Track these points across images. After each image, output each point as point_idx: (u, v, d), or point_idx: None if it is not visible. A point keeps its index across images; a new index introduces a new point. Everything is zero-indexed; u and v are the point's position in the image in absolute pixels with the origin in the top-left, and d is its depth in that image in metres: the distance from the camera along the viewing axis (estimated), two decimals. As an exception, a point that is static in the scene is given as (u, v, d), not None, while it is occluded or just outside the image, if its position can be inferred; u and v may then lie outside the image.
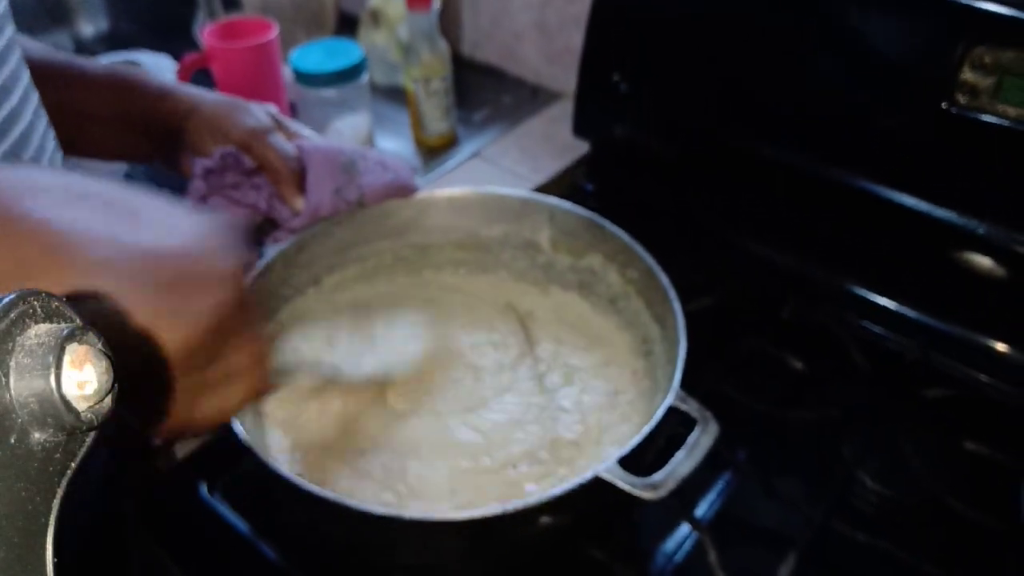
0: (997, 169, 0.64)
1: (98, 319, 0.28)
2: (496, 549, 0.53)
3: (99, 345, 0.18)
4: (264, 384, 0.40)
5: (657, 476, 0.46)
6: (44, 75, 0.57)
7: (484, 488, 0.54)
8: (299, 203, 0.61)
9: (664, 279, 0.57)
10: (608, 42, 0.83)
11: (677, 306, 0.55)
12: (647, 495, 0.45)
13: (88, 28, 1.29)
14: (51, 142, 0.47)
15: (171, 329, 0.32)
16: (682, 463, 0.47)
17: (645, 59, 0.82)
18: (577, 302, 0.68)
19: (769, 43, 0.73)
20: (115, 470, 0.60)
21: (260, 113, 0.60)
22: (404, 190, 0.66)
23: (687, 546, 0.55)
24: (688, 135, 0.82)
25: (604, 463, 0.46)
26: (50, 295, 0.17)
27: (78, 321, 0.18)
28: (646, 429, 0.47)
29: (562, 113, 0.98)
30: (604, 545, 0.55)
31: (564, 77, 1.02)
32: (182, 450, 0.64)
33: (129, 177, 0.89)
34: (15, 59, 0.43)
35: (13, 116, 0.42)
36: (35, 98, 0.45)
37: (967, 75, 0.62)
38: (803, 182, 0.74)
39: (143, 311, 0.32)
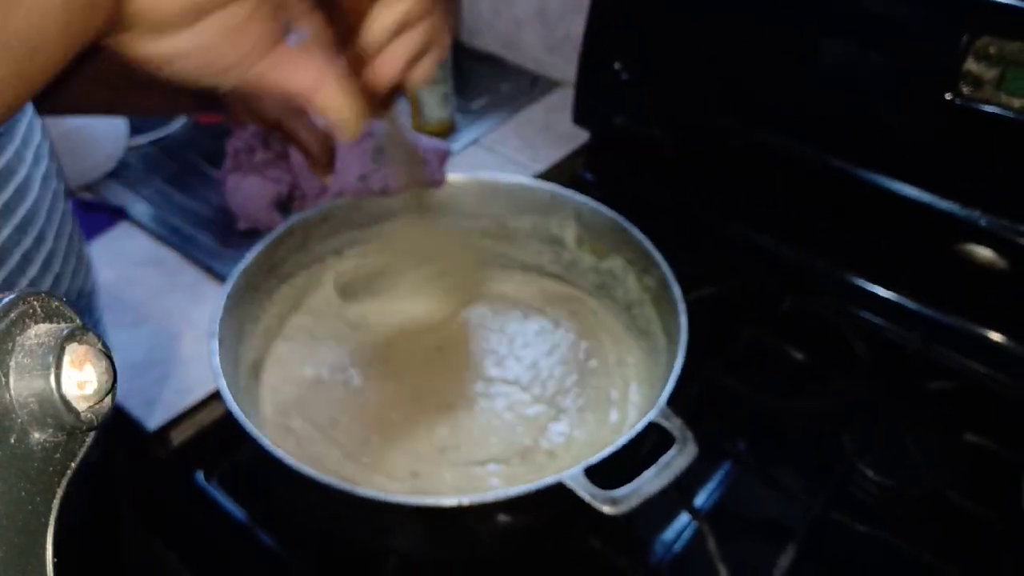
0: (1000, 160, 0.64)
1: None
2: (481, 538, 0.54)
3: (99, 345, 0.18)
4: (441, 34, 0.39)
5: (620, 491, 0.45)
6: None
7: (445, 478, 0.55)
8: (328, 180, 0.61)
9: (677, 291, 0.56)
10: (609, 30, 0.82)
11: (684, 320, 0.54)
12: (606, 508, 0.44)
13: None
14: (27, 112, 0.47)
15: None
16: (649, 482, 0.46)
17: (646, 48, 0.81)
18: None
19: (771, 33, 0.72)
20: (102, 459, 0.60)
21: None
22: (431, 184, 0.65)
23: (686, 536, 0.55)
24: (689, 125, 0.81)
25: (570, 470, 0.45)
26: (50, 295, 0.17)
27: (78, 321, 0.18)
28: (620, 441, 0.47)
29: (562, 102, 0.98)
30: (602, 534, 0.55)
31: (564, 66, 1.01)
32: (178, 437, 0.64)
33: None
34: None
35: None
36: None
37: (971, 66, 0.62)
38: (805, 173, 0.74)
39: None
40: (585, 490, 0.45)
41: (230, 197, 0.71)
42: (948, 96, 0.63)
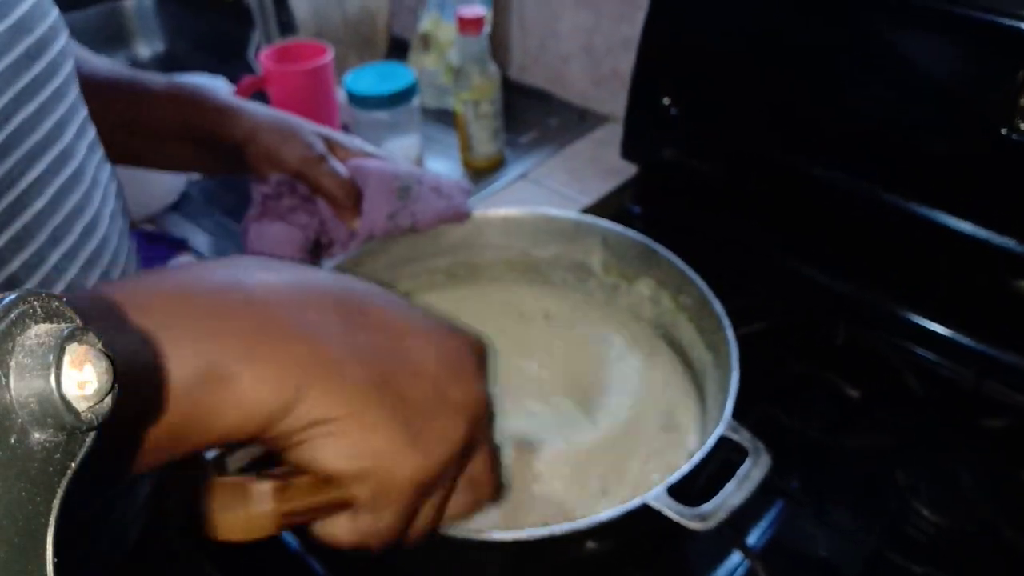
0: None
1: None
2: (541, 571, 0.53)
3: (99, 345, 0.18)
4: (494, 494, 0.39)
5: (707, 507, 0.45)
6: (111, 92, 0.60)
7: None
8: (356, 223, 0.62)
9: (718, 306, 0.56)
10: (659, 66, 0.82)
11: (730, 334, 0.54)
12: (696, 525, 0.44)
13: (145, 50, 1.33)
14: (98, 152, 0.48)
15: (409, 457, 0.33)
16: (733, 494, 0.46)
17: (696, 83, 0.81)
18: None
19: (822, 68, 0.71)
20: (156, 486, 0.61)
21: (313, 139, 0.61)
22: (457, 216, 0.66)
23: (739, 574, 0.54)
24: (739, 158, 0.81)
25: (653, 491, 0.45)
26: (50, 295, 0.17)
27: (78, 321, 0.18)
28: (697, 458, 0.46)
29: (609, 136, 0.98)
30: (654, 571, 0.54)
31: (611, 100, 1.02)
32: (234, 463, 0.65)
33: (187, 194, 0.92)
34: (67, 70, 0.44)
35: (61, 124, 0.43)
36: (83, 111, 0.47)
37: (1028, 99, 0.60)
38: (857, 206, 0.72)
39: (387, 437, 0.32)
40: (672, 509, 0.44)
41: (253, 246, 0.71)
42: (1004, 131, 0.61)
